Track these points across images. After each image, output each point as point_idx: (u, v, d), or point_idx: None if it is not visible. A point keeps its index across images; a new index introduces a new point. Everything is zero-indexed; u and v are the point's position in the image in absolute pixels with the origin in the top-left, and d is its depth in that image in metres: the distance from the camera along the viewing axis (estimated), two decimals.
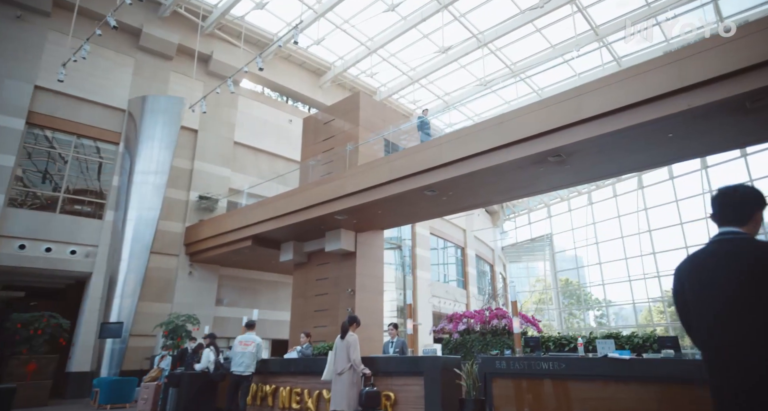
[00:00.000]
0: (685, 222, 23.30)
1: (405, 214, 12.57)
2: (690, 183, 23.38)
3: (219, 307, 15.96)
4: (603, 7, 16.16)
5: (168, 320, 12.45)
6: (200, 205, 15.70)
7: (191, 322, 12.54)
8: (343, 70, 19.17)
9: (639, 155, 8.16)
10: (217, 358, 8.01)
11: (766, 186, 21.11)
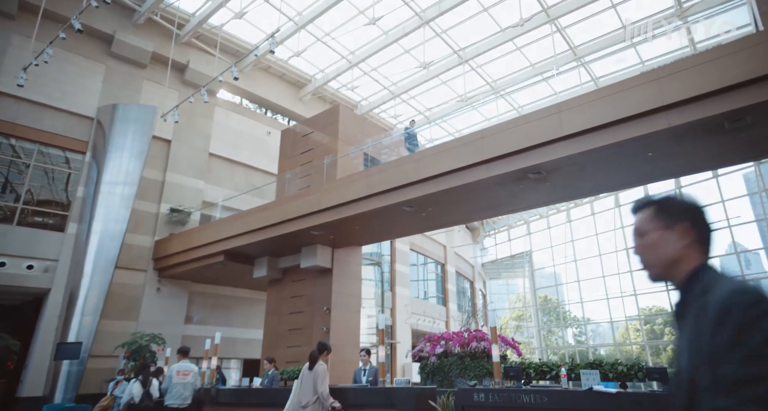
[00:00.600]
0: None
1: (383, 230, 12.26)
2: None
3: (188, 325, 15.23)
4: (581, 28, 16.43)
5: (131, 340, 11.72)
6: (171, 218, 15.08)
7: (156, 342, 11.84)
8: (324, 83, 18.97)
9: (619, 174, 8.07)
10: (148, 389, 7.17)
11: (737, 206, 21.64)
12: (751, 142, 6.87)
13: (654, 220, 1.24)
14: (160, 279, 14.60)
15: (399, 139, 18.04)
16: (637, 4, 15.33)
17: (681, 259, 1.19)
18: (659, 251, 1.21)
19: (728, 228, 21.82)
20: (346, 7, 15.14)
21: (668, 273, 1.22)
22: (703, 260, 1.19)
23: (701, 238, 1.20)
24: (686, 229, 1.20)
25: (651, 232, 1.24)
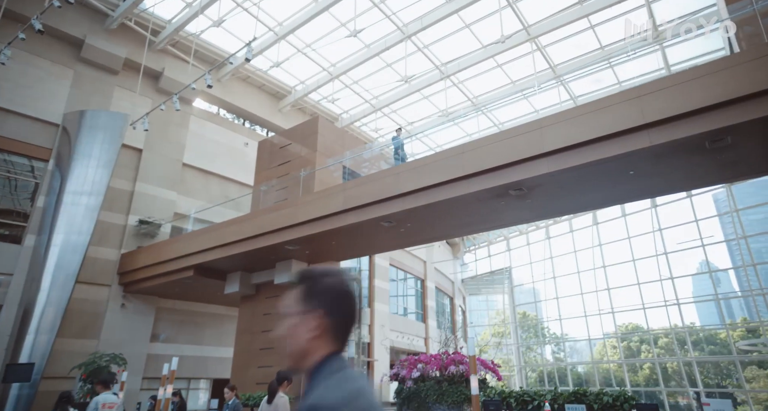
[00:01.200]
0: (637, 259, 23.81)
1: (361, 246, 11.90)
2: (641, 221, 24.09)
3: (154, 344, 14.44)
4: (561, 47, 16.63)
5: (88, 360, 10.95)
6: (140, 231, 14.40)
7: (116, 363, 11.09)
8: (304, 95, 18.69)
9: (600, 192, 7.94)
10: None
11: (709, 226, 22.05)
12: (731, 162, 6.82)
13: (295, 302, 1.08)
14: (125, 294, 13.85)
15: (379, 153, 17.87)
16: (615, 26, 15.59)
17: (310, 352, 1.04)
18: (293, 340, 1.05)
19: (702, 247, 22.20)
20: (328, 19, 14.98)
21: (299, 365, 1.06)
22: (329, 352, 1.04)
23: (334, 329, 1.05)
24: (320, 317, 1.04)
25: (289, 317, 1.07)
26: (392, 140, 12.63)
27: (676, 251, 22.62)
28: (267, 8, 14.67)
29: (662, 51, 16.70)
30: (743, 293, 21.57)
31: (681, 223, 22.42)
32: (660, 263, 22.72)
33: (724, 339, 32.69)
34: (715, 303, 23.26)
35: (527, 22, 15.32)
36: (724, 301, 23.01)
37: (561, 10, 15.00)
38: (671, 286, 22.43)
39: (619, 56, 16.95)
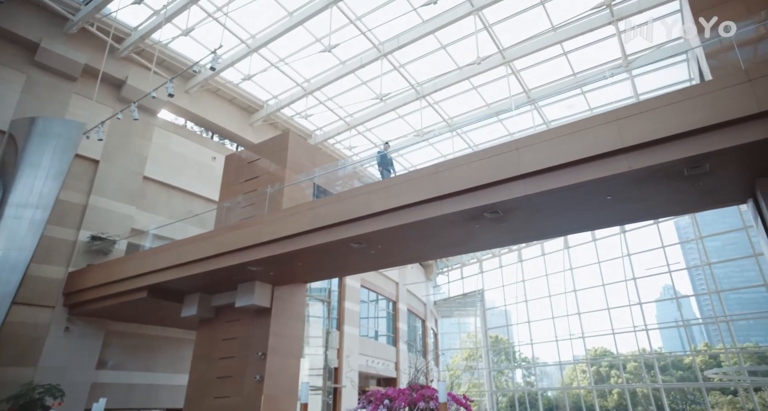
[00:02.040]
0: (607, 283, 23.96)
1: (329, 268, 11.31)
2: (611, 245, 24.36)
3: (101, 371, 13.27)
4: (535, 72, 16.81)
5: (20, 392, 9.82)
6: (91, 247, 13.39)
7: (52, 395, 9.99)
8: (277, 110, 18.22)
9: (578, 217, 7.70)
10: None
11: (679, 252, 22.51)
12: (708, 190, 6.69)
13: None
14: (71, 317, 12.73)
15: (352, 171, 17.46)
16: (587, 53, 15.89)
17: None
18: None
19: (669, 273, 22.55)
20: (302, 33, 14.69)
21: None
22: None
23: None
24: None
25: None
26: (377, 154, 11.91)
27: (645, 277, 22.91)
28: (240, 20, 14.29)
29: (632, 80, 17.11)
30: (709, 320, 21.87)
31: (648, 249, 22.77)
32: (629, 288, 22.94)
33: (688, 363, 33.18)
34: (678, 328, 23.54)
35: (502, 45, 15.43)
36: (675, 324, 23.36)
37: (535, 35, 15.19)
38: (639, 311, 22.60)
39: (591, 83, 17.29)
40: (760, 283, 19.49)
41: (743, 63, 6.22)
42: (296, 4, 13.91)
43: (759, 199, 6.31)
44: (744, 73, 5.58)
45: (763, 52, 6.59)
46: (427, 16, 14.52)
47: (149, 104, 14.97)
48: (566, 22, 14.55)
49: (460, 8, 14.12)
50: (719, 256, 25.96)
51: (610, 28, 14.73)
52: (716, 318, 20.64)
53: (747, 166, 5.99)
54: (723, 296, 20.62)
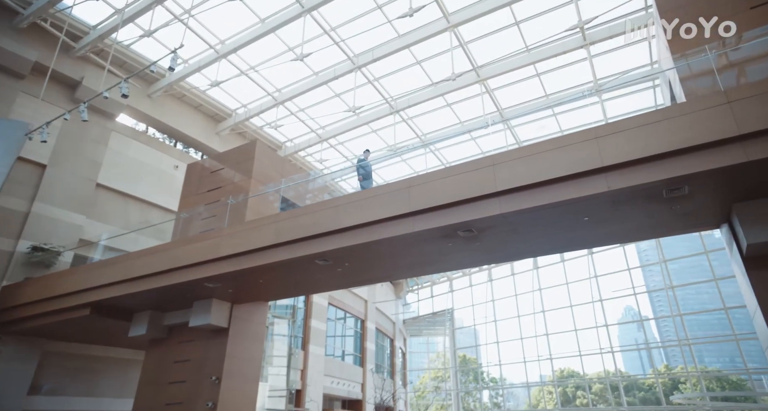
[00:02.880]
0: (574, 305, 24.03)
1: (293, 286, 10.65)
2: (579, 266, 24.54)
3: (34, 397, 12.00)
4: (509, 91, 16.89)
5: None
6: (31, 259, 12.25)
7: None
8: (245, 119, 17.59)
9: (554, 237, 7.42)
10: None
11: (648, 275, 22.87)
12: (684, 214, 6.53)
13: None
14: (2, 336, 11.51)
15: (323, 184, 16.94)
16: (559, 75, 16.09)
17: None
18: None
19: (634, 296, 22.84)
20: (274, 41, 14.25)
21: None
22: None
23: None
24: None
25: None
26: (358, 163, 10.90)
27: (611, 299, 23.14)
28: (209, 24, 13.74)
29: (602, 104, 17.43)
30: (672, 342, 22.17)
31: (615, 271, 23.05)
32: (596, 310, 23.06)
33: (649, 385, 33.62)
34: (639, 350, 23.78)
35: (477, 63, 15.42)
36: (640, 347, 23.61)
37: (510, 55, 15.26)
38: (606, 332, 22.70)
39: (562, 105, 17.53)
40: (720, 307, 19.91)
41: (722, 84, 6.14)
42: (269, 11, 13.50)
43: (735, 224, 6.17)
44: (723, 95, 5.46)
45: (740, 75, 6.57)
46: (402, 30, 14.38)
47: (107, 107, 14.10)
48: (540, 43, 14.69)
49: (436, 24, 14.04)
50: (679, 279, 26.58)
51: (582, 52, 14.97)
52: (679, 341, 20.89)
53: (724, 190, 5.85)
54: (677, 318, 20.95)
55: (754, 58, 6.59)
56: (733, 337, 19.56)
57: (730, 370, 39.44)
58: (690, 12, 7.81)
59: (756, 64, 6.56)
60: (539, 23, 14.33)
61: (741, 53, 6.72)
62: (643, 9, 13.85)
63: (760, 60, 6.51)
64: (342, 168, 20.79)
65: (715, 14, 7.56)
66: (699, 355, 51.35)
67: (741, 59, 6.79)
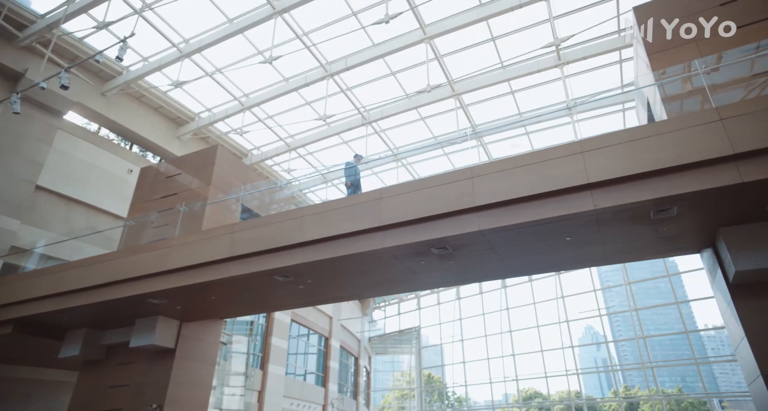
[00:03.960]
0: (541, 325, 23.86)
1: (250, 303, 9.78)
2: (546, 287, 24.47)
3: None
4: (483, 107, 16.73)
5: None
6: None
7: None
8: (209, 124, 16.66)
9: (533, 258, 6.96)
10: None
11: (608, 297, 22.98)
12: (668, 236, 6.20)
13: None
14: None
15: (290, 194, 16.13)
16: (533, 94, 16.05)
17: None
18: None
19: (599, 317, 22.90)
20: (243, 43, 13.55)
21: None
22: None
23: None
24: None
25: None
26: (346, 168, 9.85)
27: (577, 320, 23.10)
28: (172, 21, 12.91)
29: (573, 125, 17.51)
30: (635, 365, 22.22)
31: (582, 292, 23.06)
32: (562, 330, 22.94)
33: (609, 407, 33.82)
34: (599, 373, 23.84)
35: (452, 77, 15.18)
36: (605, 369, 23.73)
37: (485, 70, 15.10)
38: (571, 354, 22.58)
39: (535, 124, 17.51)
40: (680, 331, 20.12)
41: (713, 100, 5.89)
42: (238, 11, 12.82)
43: (720, 249, 5.86)
44: (715, 112, 5.17)
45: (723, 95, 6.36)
46: (378, 39, 13.98)
47: (53, 103, 12.94)
48: (515, 57, 14.60)
49: (412, 35, 13.71)
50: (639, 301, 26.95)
51: (557, 72, 14.97)
52: (642, 364, 20.96)
53: (713, 212, 5.54)
54: (639, 340, 21.06)
55: (745, 78, 6.41)
56: (693, 360, 19.83)
57: (690, 393, 40.34)
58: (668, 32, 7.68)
59: (744, 83, 6.38)
60: (515, 40, 14.26)
61: (730, 72, 6.54)
62: (616, 32, 14.00)
63: (751, 78, 6.34)
64: (310, 178, 20.04)
65: (694, 32, 7.45)
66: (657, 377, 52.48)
67: (728, 79, 6.61)
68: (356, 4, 12.83)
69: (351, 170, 9.74)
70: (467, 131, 16.08)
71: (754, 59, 6.26)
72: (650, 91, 8.26)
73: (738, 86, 6.29)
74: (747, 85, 6.24)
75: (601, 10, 13.32)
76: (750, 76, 6.27)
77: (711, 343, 58.68)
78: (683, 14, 7.72)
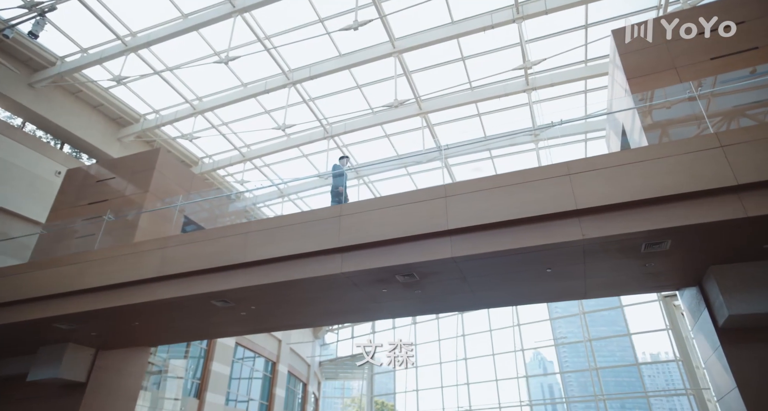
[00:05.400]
0: (497, 353, 23.39)
1: (182, 330, 8.50)
2: (502, 314, 24.10)
3: None
4: (449, 128, 16.36)
5: None
6: None
7: None
8: (156, 126, 15.24)
9: (506, 289, 6.26)
10: None
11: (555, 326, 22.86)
12: (655, 272, 5.68)
13: None
14: None
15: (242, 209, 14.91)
16: (500, 117, 15.86)
17: None
18: None
19: (554, 347, 22.73)
20: (198, 42, 12.47)
21: None
22: None
23: None
24: None
25: None
26: (333, 172, 8.84)
27: (531, 348, 22.81)
28: (118, 11, 11.67)
29: (537, 152, 17.45)
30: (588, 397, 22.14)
31: (538, 320, 22.84)
32: (517, 359, 22.55)
33: None
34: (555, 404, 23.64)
35: (420, 94, 14.71)
36: (559, 400, 23.57)
37: (454, 90, 14.76)
38: (525, 384, 22.18)
39: (498, 148, 17.32)
40: (632, 363, 20.17)
41: (710, 124, 5.50)
42: (194, 6, 11.79)
43: (709, 289, 5.39)
44: (715, 137, 4.72)
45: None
46: (345, 50, 13.31)
47: None
48: (483, 78, 14.35)
49: (381, 47, 13.15)
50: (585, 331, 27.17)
51: (524, 97, 14.85)
52: (596, 396, 20.78)
53: (706, 249, 5.05)
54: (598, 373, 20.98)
55: (745, 107, 6.12)
56: (644, 393, 19.88)
57: None
58: (648, 54, 7.45)
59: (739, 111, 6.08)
60: (485, 61, 14.02)
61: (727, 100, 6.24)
62: (583, 62, 14.08)
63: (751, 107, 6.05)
64: (264, 191, 18.85)
65: (673, 60, 7.23)
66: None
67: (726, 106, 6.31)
68: (324, 10, 12.16)
69: (339, 176, 8.44)
70: (442, 147, 15.60)
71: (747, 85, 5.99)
72: (627, 118, 7.96)
73: (731, 115, 5.97)
74: (741, 111, 5.95)
75: (572, 37, 13.35)
76: (750, 105, 5.99)
77: (647, 370, 60.59)
78: (661, 41, 7.53)
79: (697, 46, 7.15)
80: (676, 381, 20.52)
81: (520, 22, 12.53)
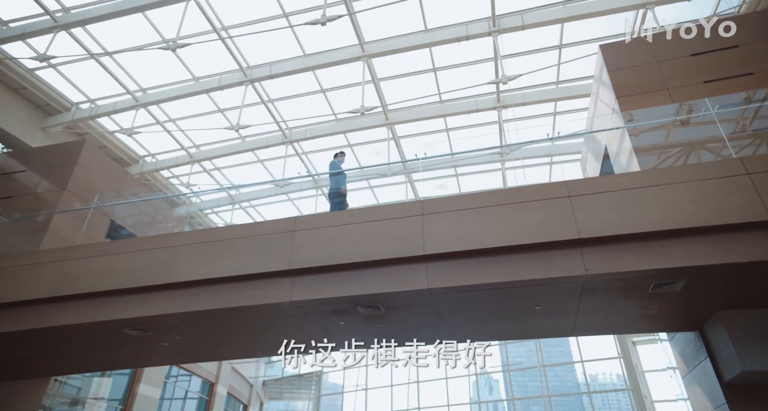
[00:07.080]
0: (450, 377, 22.60)
1: (87, 361, 6.98)
2: None
3: None
4: (415, 141, 15.62)
5: None
6: None
7: None
8: (90, 117, 13.46)
9: (486, 326, 5.36)
10: None
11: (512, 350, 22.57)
12: (653, 316, 4.95)
13: None
14: None
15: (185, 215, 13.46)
16: (469, 134, 15.31)
17: None
18: None
19: (508, 372, 22.24)
20: (142, 23, 11.03)
21: None
22: None
23: None
24: None
25: None
26: (330, 170, 7.79)
27: (483, 373, 22.24)
28: None
29: (503, 173, 17.03)
30: None
31: (490, 344, 22.33)
32: (470, 383, 21.86)
33: None
34: None
35: (387, 103, 13.90)
36: None
37: (423, 102, 14.06)
38: (478, 410, 21.47)
39: (465, 166, 16.78)
40: (584, 391, 19.97)
41: (732, 148, 4.88)
42: None
43: (713, 336, 4.71)
44: (739, 162, 4.07)
45: None
46: (310, 50, 12.31)
47: None
48: (454, 91, 13.75)
49: (349, 50, 12.24)
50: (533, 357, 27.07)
51: (494, 115, 14.38)
52: None
53: (719, 292, 4.36)
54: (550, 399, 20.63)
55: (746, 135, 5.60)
56: None
57: None
58: (639, 72, 6.97)
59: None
60: (457, 74, 13.45)
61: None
62: (554, 83, 13.80)
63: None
64: (211, 195, 17.31)
65: (665, 80, 6.76)
66: None
67: None
68: (289, 4, 11.13)
69: (337, 174, 7.23)
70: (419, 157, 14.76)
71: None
72: (612, 139, 7.41)
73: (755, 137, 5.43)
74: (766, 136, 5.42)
75: (545, 57, 13.03)
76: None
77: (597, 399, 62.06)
78: (650, 60, 7.08)
79: (690, 68, 6.74)
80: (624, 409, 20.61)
81: (496, 36, 12.05)
